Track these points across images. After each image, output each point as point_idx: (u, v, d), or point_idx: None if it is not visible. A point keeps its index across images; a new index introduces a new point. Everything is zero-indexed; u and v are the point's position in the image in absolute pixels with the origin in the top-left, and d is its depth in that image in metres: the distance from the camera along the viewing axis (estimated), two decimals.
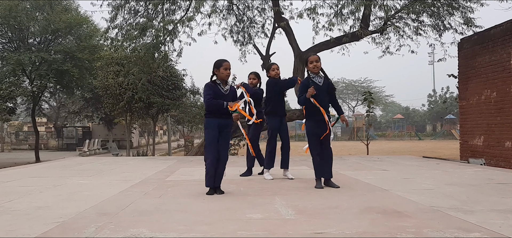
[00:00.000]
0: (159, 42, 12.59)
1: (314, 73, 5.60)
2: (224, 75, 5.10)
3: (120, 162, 10.70)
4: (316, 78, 5.59)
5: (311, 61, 5.59)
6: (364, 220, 3.66)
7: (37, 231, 3.35)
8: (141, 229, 3.38)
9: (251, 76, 6.76)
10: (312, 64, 5.56)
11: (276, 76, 6.52)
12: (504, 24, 11.24)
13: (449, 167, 8.35)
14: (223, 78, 5.12)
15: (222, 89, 5.13)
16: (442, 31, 13.49)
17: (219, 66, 5.10)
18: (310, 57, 5.64)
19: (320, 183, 5.60)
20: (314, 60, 5.57)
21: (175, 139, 45.02)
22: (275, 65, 6.53)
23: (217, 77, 5.15)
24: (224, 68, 5.08)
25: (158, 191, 5.46)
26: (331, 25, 12.15)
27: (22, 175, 7.45)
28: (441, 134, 52.86)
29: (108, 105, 19.86)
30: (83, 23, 23.88)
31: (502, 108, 11.19)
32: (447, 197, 4.81)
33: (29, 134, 41.37)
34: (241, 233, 3.24)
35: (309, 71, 5.64)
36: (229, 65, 5.16)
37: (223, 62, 5.14)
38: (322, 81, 5.61)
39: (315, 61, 5.57)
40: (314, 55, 5.66)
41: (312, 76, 5.60)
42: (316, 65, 5.55)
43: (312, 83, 5.53)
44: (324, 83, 5.60)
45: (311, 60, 5.60)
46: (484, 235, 3.11)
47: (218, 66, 5.11)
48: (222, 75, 5.10)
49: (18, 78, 21.92)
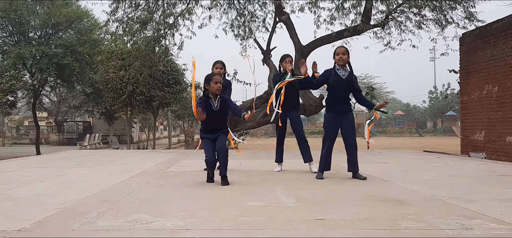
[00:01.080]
0: (160, 35, 12.56)
1: (340, 66, 5.47)
2: (214, 89, 5.05)
3: (121, 154, 10.71)
4: (341, 71, 5.47)
5: (337, 52, 5.46)
6: (365, 207, 3.66)
7: (38, 216, 3.35)
8: (142, 214, 3.38)
9: (218, 66, 6.37)
10: (338, 56, 5.44)
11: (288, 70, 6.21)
12: (506, 19, 11.21)
13: (450, 160, 8.35)
14: (214, 92, 5.07)
15: (213, 104, 5.09)
16: (444, 26, 13.43)
17: (210, 81, 5.07)
18: (337, 49, 5.52)
19: (320, 174, 5.59)
20: (341, 52, 5.44)
21: (175, 134, 45.06)
22: (289, 58, 6.29)
23: (209, 92, 5.10)
24: (214, 82, 5.04)
25: (159, 181, 5.46)
26: (332, 19, 12.11)
27: (23, 166, 7.45)
28: (441, 131, 52.83)
29: (109, 100, 19.84)
30: (83, 17, 23.85)
31: (503, 103, 11.17)
32: (448, 187, 4.81)
33: (30, 128, 41.39)
34: (242, 219, 3.24)
35: (335, 63, 5.51)
36: (219, 78, 5.13)
37: (213, 76, 5.11)
38: (346, 75, 5.46)
39: (341, 53, 5.43)
40: (341, 47, 5.53)
41: (337, 68, 5.48)
42: (342, 57, 5.42)
43: (335, 75, 5.43)
44: (347, 77, 5.47)
45: (338, 52, 5.46)
46: (486, 222, 3.11)
47: (208, 81, 5.08)
48: (212, 89, 5.06)
49: (19, 72, 21.88)
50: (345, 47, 5.54)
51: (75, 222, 3.13)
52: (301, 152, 6.40)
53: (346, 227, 2.98)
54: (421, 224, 3.04)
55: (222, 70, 6.39)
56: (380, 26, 13.30)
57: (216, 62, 6.45)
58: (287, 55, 6.35)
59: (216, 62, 6.45)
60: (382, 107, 5.70)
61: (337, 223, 3.08)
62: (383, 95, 66.66)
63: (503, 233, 2.81)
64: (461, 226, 2.98)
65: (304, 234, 2.77)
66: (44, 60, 22.72)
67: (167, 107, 22.04)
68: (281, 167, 6.55)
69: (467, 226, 2.99)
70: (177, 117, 31.45)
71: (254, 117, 13.47)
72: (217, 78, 5.09)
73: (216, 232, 2.86)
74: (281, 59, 6.35)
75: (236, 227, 2.99)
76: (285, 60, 6.25)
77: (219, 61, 6.45)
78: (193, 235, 2.77)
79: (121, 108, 21.50)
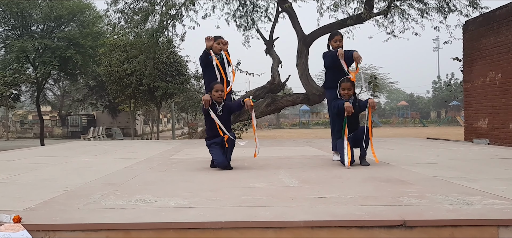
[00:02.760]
0: (163, 27, 12.56)
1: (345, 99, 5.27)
2: (216, 97, 5.11)
3: (125, 144, 10.77)
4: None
5: (343, 87, 5.26)
6: (367, 187, 3.68)
7: (44, 197, 3.40)
8: (146, 195, 3.42)
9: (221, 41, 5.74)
10: (344, 91, 5.25)
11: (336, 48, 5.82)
12: (509, 5, 11.13)
13: (453, 146, 8.36)
14: (216, 99, 5.13)
15: (217, 110, 5.14)
16: (447, 13, 13.38)
17: (212, 89, 5.16)
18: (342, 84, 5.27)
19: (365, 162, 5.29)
20: (347, 88, 5.24)
21: (179, 127, 45.17)
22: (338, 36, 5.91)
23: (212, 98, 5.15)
24: (215, 90, 5.11)
25: (163, 166, 5.51)
26: (336, 7, 12.07)
27: (28, 155, 7.52)
28: (445, 121, 52.70)
29: (112, 92, 19.90)
30: (85, 10, 23.91)
31: (507, 90, 11.12)
32: (450, 169, 4.83)
33: (34, 122, 41.61)
34: (245, 197, 3.27)
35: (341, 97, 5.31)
36: (221, 87, 5.16)
37: (215, 84, 5.17)
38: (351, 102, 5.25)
39: (347, 89, 5.23)
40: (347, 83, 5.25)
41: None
42: (348, 93, 5.24)
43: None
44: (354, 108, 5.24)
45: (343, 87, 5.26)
46: (487, 198, 3.12)
47: (211, 89, 5.17)
48: (214, 96, 5.13)
49: (22, 65, 22.01)
50: (351, 82, 5.28)
51: (80, 202, 3.18)
52: None
53: (348, 203, 3.00)
54: (423, 201, 3.06)
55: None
56: (383, 14, 13.25)
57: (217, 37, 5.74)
58: (336, 33, 6.03)
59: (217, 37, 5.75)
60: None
61: (339, 200, 3.11)
62: (387, 85, 66.49)
63: (504, 207, 2.82)
64: (462, 201, 3.00)
65: (307, 211, 2.80)
66: (47, 53, 22.82)
67: (170, 99, 22.08)
68: None
69: (468, 201, 3.01)
70: (180, 110, 31.52)
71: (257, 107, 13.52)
72: (218, 86, 5.13)
73: (220, 209, 2.89)
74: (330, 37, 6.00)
75: (239, 205, 3.02)
76: (334, 38, 5.88)
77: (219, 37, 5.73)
78: (196, 212, 2.80)
79: (125, 101, 21.57)
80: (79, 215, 2.80)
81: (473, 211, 2.74)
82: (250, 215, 2.70)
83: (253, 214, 2.74)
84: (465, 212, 2.71)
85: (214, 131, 5.19)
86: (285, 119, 66.09)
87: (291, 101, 15.34)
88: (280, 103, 14.88)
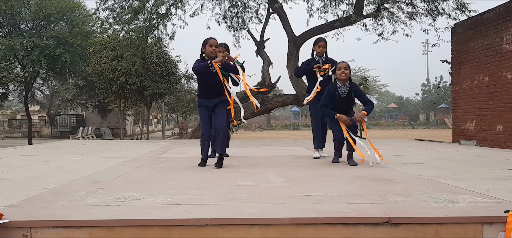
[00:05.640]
0: (152, 25, 12.49)
1: (341, 82, 5.25)
2: (209, 52, 5.03)
3: (113, 143, 10.68)
4: (342, 88, 5.25)
5: (339, 67, 5.24)
6: (354, 185, 3.69)
7: (27, 194, 3.34)
8: (132, 193, 3.39)
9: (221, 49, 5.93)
10: (340, 71, 5.21)
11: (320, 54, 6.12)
12: (497, 8, 11.27)
13: (441, 147, 8.43)
14: (209, 55, 5.05)
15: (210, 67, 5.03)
16: (436, 16, 13.51)
17: (205, 44, 5.08)
18: (339, 64, 5.30)
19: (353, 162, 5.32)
20: (343, 67, 5.22)
21: (169, 128, 44.97)
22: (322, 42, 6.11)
23: (205, 55, 5.10)
24: (209, 45, 5.04)
25: (151, 165, 5.47)
26: (325, 8, 12.12)
27: (14, 154, 7.42)
28: (434, 123, 53.21)
29: (101, 91, 19.75)
30: (75, 9, 23.69)
31: (494, 93, 11.26)
32: (437, 168, 4.86)
33: (22, 122, 41.10)
34: (232, 195, 3.25)
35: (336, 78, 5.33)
36: (215, 42, 5.10)
37: (209, 39, 5.10)
38: (346, 92, 5.25)
39: (343, 68, 5.22)
40: (343, 62, 5.30)
41: (339, 85, 5.25)
42: (344, 72, 5.19)
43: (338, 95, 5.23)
44: (347, 95, 5.26)
45: (339, 66, 5.25)
46: (472, 196, 3.15)
47: (204, 44, 5.09)
48: (207, 52, 5.05)
49: (10, 63, 21.72)
50: (346, 62, 5.33)
51: (64, 200, 3.13)
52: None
53: (334, 201, 3.00)
54: (408, 199, 3.07)
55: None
56: (372, 16, 13.33)
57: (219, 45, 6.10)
58: (321, 39, 6.24)
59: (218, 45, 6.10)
60: None
61: (325, 198, 3.11)
62: (377, 88, 66.97)
63: (488, 205, 2.85)
64: (448, 200, 3.02)
65: (293, 208, 2.79)
66: (36, 52, 22.56)
67: (160, 99, 21.98)
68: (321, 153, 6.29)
69: (453, 199, 3.02)
70: (171, 110, 31.36)
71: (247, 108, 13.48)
72: (212, 41, 5.05)
73: (205, 207, 2.87)
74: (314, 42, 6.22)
75: (225, 202, 3.01)
76: (318, 44, 6.11)
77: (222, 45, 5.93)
78: (181, 210, 2.78)
79: (114, 100, 21.41)
80: (62, 212, 2.75)
81: (458, 209, 2.75)
82: (235, 213, 2.69)
83: (238, 211, 2.73)
84: (450, 210, 2.72)
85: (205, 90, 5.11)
86: (276, 120, 66.16)
87: (281, 102, 15.36)
88: (270, 104, 14.88)
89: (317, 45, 6.13)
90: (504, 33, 10.78)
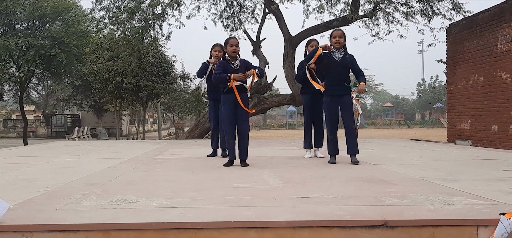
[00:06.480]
0: (148, 25, 12.46)
1: (335, 48, 5.41)
2: (230, 52, 5.35)
3: (109, 144, 10.65)
4: (336, 53, 5.40)
5: (334, 36, 5.40)
6: (350, 187, 3.70)
7: (22, 197, 3.33)
8: (128, 195, 3.37)
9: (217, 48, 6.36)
10: (334, 39, 5.37)
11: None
12: (492, 9, 11.32)
13: (436, 147, 8.46)
14: (230, 54, 5.37)
15: (232, 65, 5.38)
16: (431, 16, 13.56)
17: (226, 44, 5.43)
18: (334, 32, 5.48)
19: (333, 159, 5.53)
20: (338, 35, 5.38)
21: (165, 127, 44.87)
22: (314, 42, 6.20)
23: (227, 55, 5.43)
24: (230, 45, 5.37)
25: (147, 166, 5.45)
26: (321, 8, 12.14)
27: (9, 155, 7.38)
28: (429, 122, 53.42)
29: (97, 91, 19.68)
30: (71, 9, 23.57)
31: (489, 93, 11.31)
32: (433, 169, 4.88)
33: (18, 122, 40.93)
34: (228, 197, 3.25)
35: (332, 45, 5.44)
36: (235, 41, 5.43)
37: (229, 39, 5.47)
38: (341, 57, 5.39)
39: (338, 36, 5.37)
40: (338, 30, 5.47)
41: (333, 50, 5.42)
42: (339, 40, 5.35)
43: (329, 57, 5.37)
44: (342, 59, 5.39)
45: (334, 35, 5.41)
46: (467, 198, 3.16)
47: (226, 44, 5.44)
48: (228, 51, 5.38)
49: (5, 63, 21.60)
50: (342, 31, 5.49)
51: (59, 203, 3.12)
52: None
53: (331, 203, 3.01)
54: (404, 201, 3.08)
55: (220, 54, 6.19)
56: (368, 16, 13.36)
57: (215, 45, 6.46)
58: (312, 39, 6.40)
59: (215, 45, 6.46)
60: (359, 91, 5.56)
61: (322, 200, 3.11)
62: (373, 87, 67.09)
63: (484, 207, 2.86)
64: (443, 201, 3.03)
65: (290, 211, 2.79)
66: (31, 52, 22.43)
67: (156, 99, 21.94)
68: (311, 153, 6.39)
69: (448, 201, 3.04)
70: (167, 110, 31.30)
71: None
72: (232, 41, 5.40)
73: (202, 209, 2.87)
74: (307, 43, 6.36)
75: (222, 205, 3.00)
76: (311, 44, 6.19)
77: (218, 44, 6.40)
78: (178, 213, 2.77)
79: (110, 100, 21.34)
80: (58, 216, 2.74)
81: (454, 211, 2.77)
82: (232, 215, 2.69)
83: (235, 214, 2.72)
84: (446, 212, 2.73)
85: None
86: (272, 119, 66.20)
87: (277, 102, 15.38)
88: (266, 104, 14.89)
89: (309, 45, 6.22)
90: (499, 34, 10.83)
